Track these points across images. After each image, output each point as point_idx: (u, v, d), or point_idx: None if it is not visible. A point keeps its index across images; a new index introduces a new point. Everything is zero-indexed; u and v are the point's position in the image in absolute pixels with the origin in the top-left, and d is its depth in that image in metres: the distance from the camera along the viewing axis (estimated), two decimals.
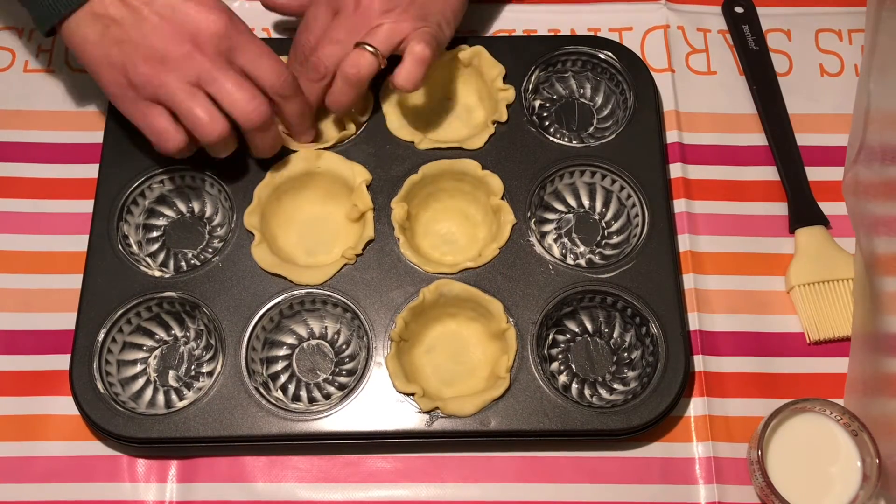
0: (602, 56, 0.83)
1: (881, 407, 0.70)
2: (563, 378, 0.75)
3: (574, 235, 0.80)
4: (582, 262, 0.78)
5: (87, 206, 0.79)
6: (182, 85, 0.70)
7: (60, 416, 0.74)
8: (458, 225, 0.80)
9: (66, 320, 0.76)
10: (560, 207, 0.81)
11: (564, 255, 0.78)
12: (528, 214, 0.77)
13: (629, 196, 0.79)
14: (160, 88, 0.70)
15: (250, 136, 0.74)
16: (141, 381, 0.75)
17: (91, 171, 0.81)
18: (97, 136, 0.81)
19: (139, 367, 0.75)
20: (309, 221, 0.80)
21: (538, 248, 0.76)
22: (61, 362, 0.73)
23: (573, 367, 0.75)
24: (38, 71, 0.87)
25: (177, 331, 0.76)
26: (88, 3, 0.70)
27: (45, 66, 0.88)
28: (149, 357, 0.76)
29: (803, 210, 0.80)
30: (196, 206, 0.80)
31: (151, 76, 0.70)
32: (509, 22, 0.89)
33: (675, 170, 0.82)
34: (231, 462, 0.73)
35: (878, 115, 0.77)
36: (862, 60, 0.84)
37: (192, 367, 0.75)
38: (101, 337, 0.73)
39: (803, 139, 0.83)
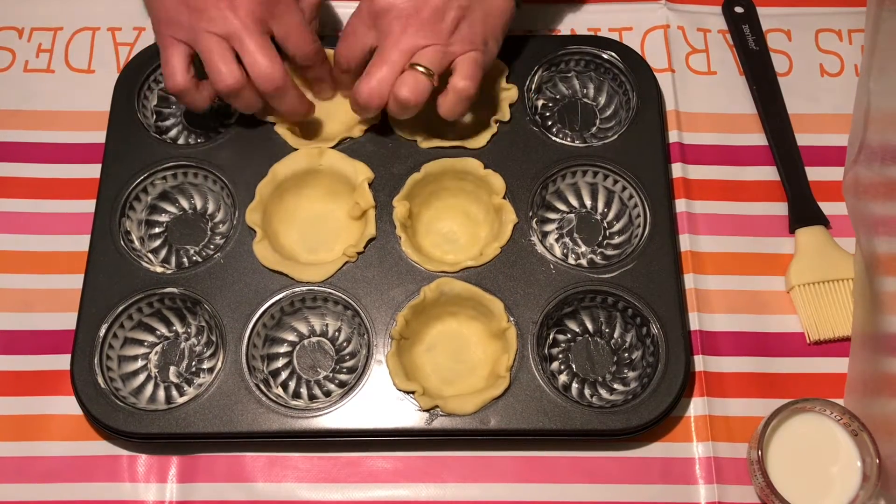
0: (605, 56, 0.83)
1: (881, 407, 0.70)
2: (563, 378, 0.75)
3: (576, 235, 0.80)
4: (583, 261, 0.78)
5: (87, 205, 0.79)
6: (212, 36, 0.73)
7: (61, 416, 0.74)
8: (460, 224, 0.80)
9: (67, 320, 0.76)
10: (562, 207, 0.81)
11: (566, 255, 0.78)
12: (530, 214, 0.77)
13: (631, 196, 0.79)
14: (191, 32, 0.73)
15: (267, 99, 0.76)
16: (142, 377, 0.75)
17: (91, 170, 0.81)
18: (97, 136, 0.82)
19: (140, 363, 0.75)
20: (311, 219, 0.80)
21: (539, 248, 0.76)
22: (62, 362, 0.73)
23: (573, 366, 0.75)
24: (38, 71, 0.87)
25: (178, 327, 0.76)
26: None
27: (45, 67, 0.88)
28: (150, 353, 0.75)
29: (803, 210, 0.80)
30: (198, 203, 0.80)
31: (189, 21, 0.73)
32: None
33: (676, 170, 0.82)
34: (231, 461, 0.73)
35: (878, 115, 0.77)
36: (862, 60, 0.84)
37: (193, 363, 0.75)
38: (102, 332, 0.73)
39: (803, 139, 0.83)
